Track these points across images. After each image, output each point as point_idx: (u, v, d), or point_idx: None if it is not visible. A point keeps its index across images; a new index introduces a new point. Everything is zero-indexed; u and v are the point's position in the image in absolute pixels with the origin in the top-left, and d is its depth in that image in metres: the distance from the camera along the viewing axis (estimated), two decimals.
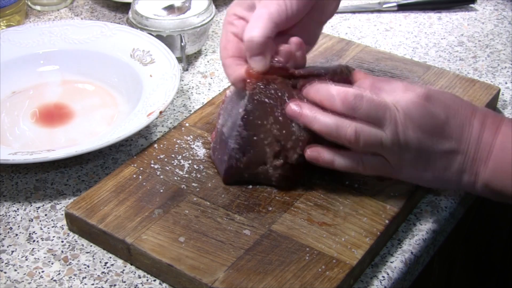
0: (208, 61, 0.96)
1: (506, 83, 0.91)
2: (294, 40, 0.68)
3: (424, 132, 0.63)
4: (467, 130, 0.63)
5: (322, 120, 0.64)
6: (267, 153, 0.67)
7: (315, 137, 0.65)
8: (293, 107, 0.65)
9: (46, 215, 0.71)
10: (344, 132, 0.63)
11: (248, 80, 0.66)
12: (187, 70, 0.94)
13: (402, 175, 0.66)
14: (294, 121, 0.66)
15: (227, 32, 0.69)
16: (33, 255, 0.66)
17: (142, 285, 0.63)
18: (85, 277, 0.64)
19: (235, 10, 0.69)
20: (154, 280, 0.64)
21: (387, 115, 0.62)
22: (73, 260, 0.66)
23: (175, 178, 0.71)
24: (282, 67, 0.67)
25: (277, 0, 0.66)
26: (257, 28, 0.65)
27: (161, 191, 0.69)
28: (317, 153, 0.66)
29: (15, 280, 0.64)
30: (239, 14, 0.69)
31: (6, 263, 0.65)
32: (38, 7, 1.09)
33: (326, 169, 0.67)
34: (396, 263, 0.65)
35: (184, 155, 0.74)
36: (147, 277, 0.64)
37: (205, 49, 0.99)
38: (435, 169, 0.64)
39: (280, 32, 0.67)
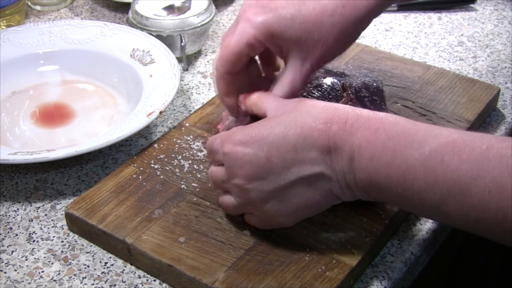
0: (208, 61, 0.96)
1: (506, 83, 0.91)
2: None
3: (246, 177, 0.59)
4: (303, 156, 0.58)
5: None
6: None
7: None
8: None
9: (46, 215, 0.71)
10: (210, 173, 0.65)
11: None
12: (187, 70, 0.94)
13: (277, 222, 0.63)
14: None
15: (243, 53, 0.64)
16: (33, 255, 0.66)
17: (142, 285, 0.63)
18: (85, 277, 0.64)
19: (256, 33, 0.63)
20: (154, 280, 0.64)
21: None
22: (73, 260, 0.66)
23: (175, 178, 0.71)
24: None
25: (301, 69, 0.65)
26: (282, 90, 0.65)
27: (161, 191, 0.69)
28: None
29: (15, 280, 0.64)
30: (259, 38, 0.64)
31: (6, 263, 0.65)
32: (38, 7, 1.09)
33: None
34: (396, 263, 0.65)
35: (184, 155, 0.74)
36: (147, 277, 0.64)
37: (205, 49, 0.99)
38: (297, 202, 0.60)
39: None
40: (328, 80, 0.72)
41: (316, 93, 0.71)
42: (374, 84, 0.75)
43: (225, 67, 0.65)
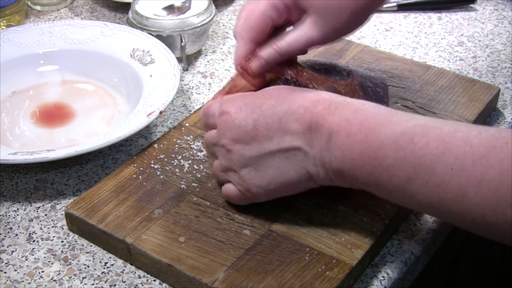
0: (208, 61, 0.96)
1: (506, 83, 0.91)
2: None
3: (232, 139, 0.63)
4: (286, 128, 0.61)
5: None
6: None
7: None
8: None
9: (46, 215, 0.71)
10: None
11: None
12: (187, 70, 0.94)
13: (252, 192, 0.64)
14: None
15: (266, 14, 0.67)
16: (33, 255, 0.66)
17: (142, 285, 0.63)
18: (85, 277, 0.64)
19: None
20: (154, 280, 0.64)
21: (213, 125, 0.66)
22: (73, 260, 0.66)
23: (175, 178, 0.71)
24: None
25: (323, 40, 0.68)
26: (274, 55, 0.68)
27: (161, 191, 0.69)
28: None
29: (15, 280, 0.64)
30: (287, 3, 0.67)
31: (6, 263, 0.65)
32: (38, 7, 1.09)
33: None
34: (396, 263, 0.65)
35: (184, 155, 0.74)
36: (147, 277, 0.64)
37: (205, 49, 0.99)
38: (272, 174, 0.62)
39: None
40: (334, 67, 0.73)
41: (324, 74, 0.71)
42: (379, 79, 0.75)
43: (249, 32, 0.67)
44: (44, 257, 0.66)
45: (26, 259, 0.66)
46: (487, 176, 0.50)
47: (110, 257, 0.66)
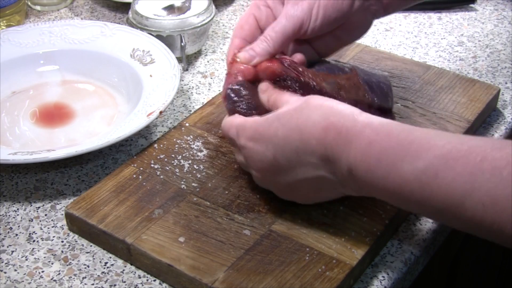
0: (208, 61, 0.96)
1: (506, 83, 0.91)
2: (299, 57, 0.71)
3: (260, 170, 0.64)
4: (304, 160, 0.60)
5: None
6: None
7: None
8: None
9: (46, 215, 0.71)
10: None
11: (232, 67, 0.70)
12: (187, 70, 0.94)
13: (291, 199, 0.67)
14: None
15: (250, 13, 0.72)
16: (33, 255, 0.66)
17: (142, 285, 0.63)
18: (85, 277, 0.64)
19: None
20: (154, 280, 0.64)
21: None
22: (73, 260, 0.66)
23: (175, 178, 0.71)
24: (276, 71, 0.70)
25: (302, 14, 0.69)
26: (264, 45, 0.69)
27: (161, 191, 0.69)
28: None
29: (15, 280, 0.64)
30: (268, 2, 0.72)
31: (6, 263, 0.65)
32: (38, 7, 1.09)
33: None
34: (396, 263, 0.65)
35: (184, 155, 0.74)
36: (147, 277, 0.64)
37: (205, 49, 0.99)
38: (313, 193, 0.64)
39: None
40: (336, 64, 0.73)
41: (325, 70, 0.71)
42: (381, 76, 0.75)
43: (236, 30, 0.72)
44: (44, 257, 0.66)
45: (26, 259, 0.66)
46: None
47: (110, 257, 0.66)
